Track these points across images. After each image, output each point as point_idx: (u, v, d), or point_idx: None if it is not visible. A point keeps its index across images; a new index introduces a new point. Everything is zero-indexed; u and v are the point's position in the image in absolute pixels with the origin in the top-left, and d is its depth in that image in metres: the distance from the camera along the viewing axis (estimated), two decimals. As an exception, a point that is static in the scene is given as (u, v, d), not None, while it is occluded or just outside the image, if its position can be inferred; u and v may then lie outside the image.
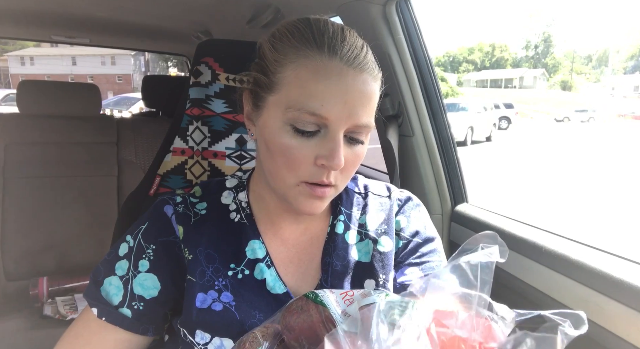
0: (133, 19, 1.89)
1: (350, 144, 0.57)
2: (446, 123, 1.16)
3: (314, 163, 0.55)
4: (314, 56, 0.55)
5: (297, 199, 0.58)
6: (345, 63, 0.55)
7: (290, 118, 0.54)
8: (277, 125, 0.56)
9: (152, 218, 0.64)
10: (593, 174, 7.89)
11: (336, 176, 0.57)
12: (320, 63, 0.55)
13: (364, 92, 0.56)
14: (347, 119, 0.54)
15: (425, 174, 1.15)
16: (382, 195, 0.72)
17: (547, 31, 70.91)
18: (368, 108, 0.57)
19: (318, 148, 0.55)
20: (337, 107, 0.54)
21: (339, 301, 0.45)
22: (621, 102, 32.56)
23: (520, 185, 6.87)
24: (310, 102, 0.53)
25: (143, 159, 1.96)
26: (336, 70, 0.55)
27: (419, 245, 0.68)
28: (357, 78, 0.56)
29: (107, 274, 0.61)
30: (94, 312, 0.59)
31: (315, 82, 0.54)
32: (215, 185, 0.69)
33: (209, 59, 0.85)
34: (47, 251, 1.75)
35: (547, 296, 0.80)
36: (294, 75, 0.55)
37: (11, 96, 11.86)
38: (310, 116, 0.54)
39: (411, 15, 1.12)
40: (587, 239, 0.82)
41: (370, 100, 0.57)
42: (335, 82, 0.54)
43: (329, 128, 0.54)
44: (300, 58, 0.55)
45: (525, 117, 25.80)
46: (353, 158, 0.58)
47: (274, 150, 0.57)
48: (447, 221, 1.16)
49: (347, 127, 0.55)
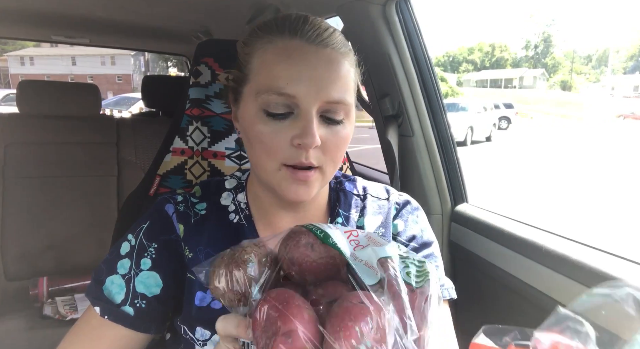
0: (133, 19, 1.89)
1: (328, 123, 0.57)
2: (446, 123, 1.16)
3: (291, 144, 0.55)
4: (276, 40, 0.57)
5: (281, 185, 0.57)
6: (307, 41, 0.56)
7: (261, 104, 0.56)
8: (252, 113, 0.57)
9: (153, 216, 0.65)
10: (593, 174, 7.89)
11: (318, 157, 0.56)
12: (281, 45, 0.56)
13: (329, 66, 0.56)
14: (316, 95, 0.54)
15: (425, 174, 1.15)
16: (381, 198, 0.72)
17: (547, 31, 70.91)
18: (338, 83, 0.56)
19: (292, 129, 0.55)
20: (303, 84, 0.54)
21: (346, 242, 0.44)
22: (621, 102, 32.56)
23: (520, 185, 6.87)
24: (276, 82, 0.55)
25: (143, 159, 1.96)
26: (298, 49, 0.56)
27: (416, 250, 0.68)
28: (321, 54, 0.56)
29: (109, 273, 0.61)
30: (97, 311, 0.59)
31: (278, 63, 0.55)
32: (215, 186, 0.69)
33: (209, 59, 0.85)
34: (47, 251, 1.75)
35: (547, 296, 0.80)
36: (261, 61, 0.57)
37: (11, 96, 11.86)
38: (278, 96, 0.55)
39: (411, 15, 1.12)
40: (587, 239, 0.82)
41: (338, 75, 0.56)
42: (298, 60, 0.55)
43: (300, 107, 0.55)
44: (265, 45, 0.57)
45: (525, 117, 25.79)
46: (333, 139, 0.57)
47: (252, 138, 0.58)
48: (447, 221, 1.16)
49: (318, 104, 0.55)
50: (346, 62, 0.59)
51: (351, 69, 0.59)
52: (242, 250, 0.44)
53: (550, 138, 15.24)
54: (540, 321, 0.37)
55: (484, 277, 1.00)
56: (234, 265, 0.42)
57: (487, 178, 6.72)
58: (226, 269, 0.42)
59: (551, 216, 4.63)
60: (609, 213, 5.29)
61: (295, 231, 0.45)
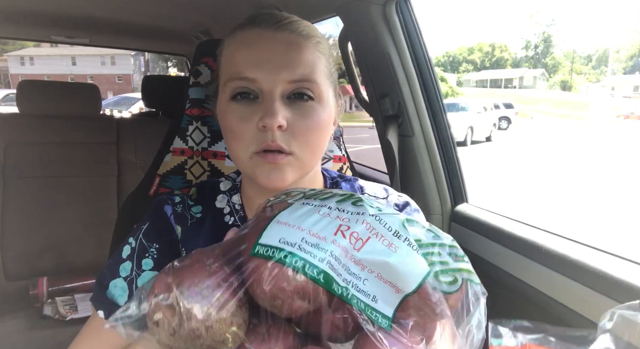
0: (133, 19, 1.89)
1: (294, 105, 0.57)
2: (446, 123, 1.16)
3: (257, 129, 0.55)
4: (238, 33, 0.60)
5: (255, 172, 0.57)
6: (265, 27, 0.58)
7: (228, 93, 0.58)
8: (223, 105, 0.59)
9: (152, 218, 0.65)
10: (593, 174, 7.88)
11: (287, 141, 0.55)
12: (241, 36, 0.59)
13: (288, 47, 0.57)
14: (277, 77, 0.55)
15: (425, 174, 1.15)
16: (379, 197, 0.71)
17: (547, 31, 70.91)
18: (299, 63, 0.56)
19: (257, 113, 0.55)
20: (262, 66, 0.55)
21: (348, 249, 0.34)
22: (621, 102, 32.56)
23: (521, 185, 6.86)
24: (238, 68, 0.57)
25: (143, 159, 1.96)
26: (256, 35, 0.58)
27: None
28: (279, 37, 0.58)
29: (112, 277, 0.61)
30: (101, 314, 0.59)
31: (239, 51, 0.58)
32: (210, 188, 0.70)
33: (209, 59, 0.85)
34: (47, 251, 1.75)
35: (547, 296, 0.80)
36: (226, 55, 0.60)
37: (11, 96, 11.85)
38: (240, 81, 0.56)
39: (411, 15, 1.12)
40: (586, 238, 0.82)
41: (299, 56, 0.57)
42: (256, 45, 0.57)
43: (263, 90, 0.56)
44: (229, 40, 0.61)
45: (525, 117, 25.78)
46: (301, 121, 0.56)
47: (225, 128, 0.59)
48: (447, 222, 1.16)
49: (281, 86, 0.55)
50: (310, 45, 0.59)
51: (320, 55, 0.60)
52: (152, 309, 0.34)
53: (550, 138, 15.24)
54: (540, 321, 0.37)
55: (484, 277, 1.00)
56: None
57: (487, 178, 6.71)
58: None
59: (551, 216, 4.62)
60: (608, 213, 5.29)
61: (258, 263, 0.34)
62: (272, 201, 0.41)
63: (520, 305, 0.89)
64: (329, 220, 0.36)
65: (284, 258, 0.33)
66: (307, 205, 0.37)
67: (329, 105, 0.60)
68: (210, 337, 0.33)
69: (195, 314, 0.32)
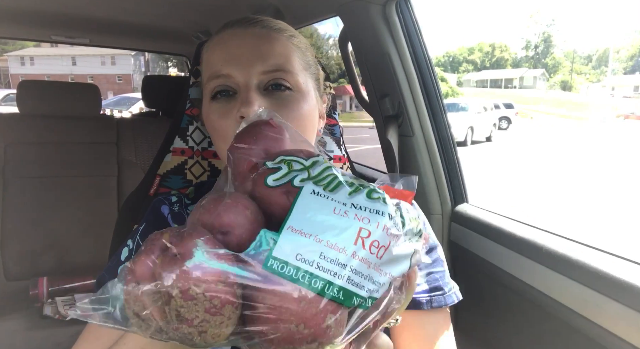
0: (133, 19, 1.89)
1: (273, 94, 0.57)
2: (446, 124, 1.16)
3: (237, 122, 0.56)
4: (214, 37, 0.62)
5: None
6: (237, 27, 0.60)
7: (209, 93, 0.59)
8: (206, 107, 0.60)
9: (149, 218, 0.65)
10: (593, 174, 7.88)
11: None
12: (217, 38, 0.61)
13: (259, 40, 0.58)
14: (250, 69, 0.56)
15: (425, 174, 1.15)
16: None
17: (547, 31, 70.90)
18: (271, 52, 0.58)
19: (236, 106, 0.56)
20: (235, 61, 0.57)
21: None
22: (621, 102, 32.53)
23: (521, 185, 6.86)
24: (213, 68, 0.58)
25: (143, 159, 1.96)
26: (229, 35, 0.60)
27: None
28: (250, 32, 0.59)
29: (110, 279, 0.61)
30: None
31: (214, 52, 0.60)
32: (208, 187, 0.70)
33: (209, 59, 0.85)
34: (47, 251, 1.75)
35: (547, 297, 0.80)
36: (204, 60, 0.62)
37: (11, 96, 11.85)
38: (217, 79, 0.58)
39: (411, 15, 1.11)
40: (586, 238, 0.82)
41: (270, 47, 0.58)
42: (228, 44, 0.59)
43: (239, 84, 0.57)
44: (207, 45, 0.62)
45: (526, 117, 25.77)
46: (280, 108, 0.56)
47: (210, 128, 0.60)
48: (447, 222, 1.15)
49: (256, 77, 0.56)
50: (282, 37, 0.60)
51: (294, 47, 0.60)
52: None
53: (550, 138, 15.24)
54: (540, 321, 0.37)
55: (483, 277, 1.00)
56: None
57: (487, 178, 6.71)
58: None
59: (551, 216, 4.62)
60: (608, 212, 5.29)
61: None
62: (267, 165, 0.37)
63: (520, 305, 0.89)
64: (346, 222, 0.33)
65: (302, 279, 0.31)
66: (318, 196, 0.34)
67: (310, 96, 0.60)
68: (203, 340, 0.30)
69: (189, 318, 0.29)
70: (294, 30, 0.64)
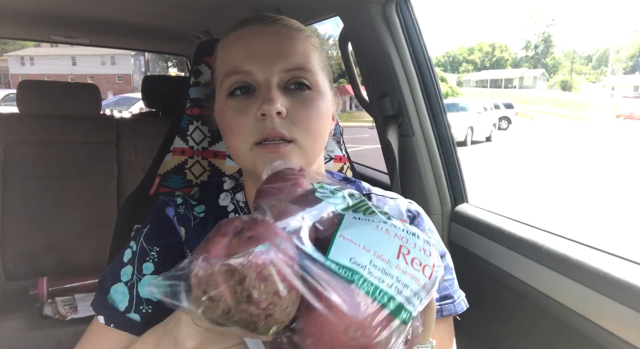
0: (133, 19, 1.89)
1: (292, 92, 0.57)
2: (446, 124, 1.16)
3: (256, 119, 0.55)
4: (230, 33, 0.61)
5: (256, 165, 0.56)
6: (257, 24, 0.60)
7: (226, 90, 0.58)
8: (221, 104, 0.59)
9: (153, 220, 0.64)
10: (593, 174, 7.88)
11: (288, 128, 0.55)
12: (234, 34, 0.60)
13: (280, 38, 0.58)
14: (272, 66, 0.56)
15: (425, 174, 1.15)
16: (387, 196, 0.70)
17: (547, 31, 70.89)
18: (293, 53, 0.57)
19: (255, 103, 0.55)
20: (256, 58, 0.56)
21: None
22: (621, 102, 32.52)
23: (521, 185, 6.86)
24: (232, 64, 0.57)
25: (143, 159, 1.96)
26: (249, 31, 0.59)
27: None
28: (270, 30, 0.59)
29: (113, 282, 0.60)
30: (101, 320, 0.58)
31: (232, 48, 0.59)
32: (213, 187, 0.69)
33: (209, 59, 0.85)
34: (47, 251, 1.75)
35: (547, 297, 0.80)
36: (220, 56, 0.61)
37: (11, 96, 11.84)
38: (236, 76, 0.57)
39: (411, 15, 1.11)
40: (586, 238, 0.82)
41: (292, 45, 0.58)
42: (249, 40, 0.58)
43: (259, 81, 0.56)
44: (223, 41, 0.62)
45: (526, 117, 25.77)
46: (301, 107, 0.56)
47: (223, 125, 0.59)
48: (447, 222, 1.15)
49: (277, 75, 0.56)
50: (302, 36, 0.60)
51: (312, 47, 0.61)
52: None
53: (550, 138, 15.23)
54: (540, 321, 0.38)
55: (483, 277, 1.00)
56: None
57: (487, 178, 6.71)
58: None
59: (551, 216, 4.62)
60: (608, 212, 5.29)
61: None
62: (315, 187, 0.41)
63: (520, 305, 0.89)
64: (389, 238, 0.37)
65: (358, 281, 0.33)
66: (360, 219, 0.38)
67: (327, 96, 0.60)
68: (266, 324, 0.31)
69: (259, 300, 0.30)
70: (310, 31, 0.64)
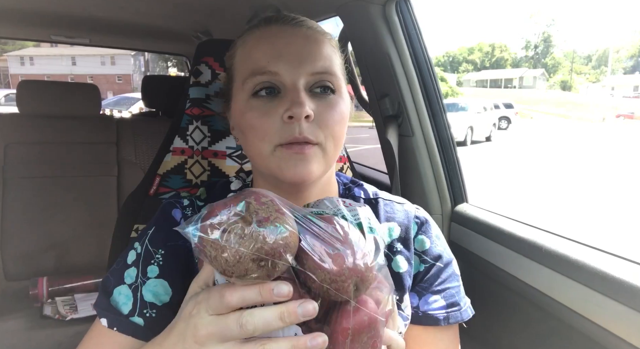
0: (133, 19, 1.89)
1: (318, 96, 0.57)
2: (446, 123, 1.16)
3: (282, 121, 0.54)
4: (254, 30, 0.60)
5: (280, 166, 0.56)
6: (283, 24, 0.59)
7: (249, 90, 0.57)
8: (242, 103, 0.58)
9: (158, 222, 0.63)
10: (593, 174, 7.88)
11: (314, 132, 0.55)
12: (259, 32, 0.59)
13: (307, 41, 0.58)
14: (299, 69, 0.56)
15: (425, 174, 1.15)
16: (394, 201, 0.70)
17: (547, 31, 70.91)
18: (319, 56, 0.57)
19: (281, 106, 0.55)
20: (284, 59, 0.56)
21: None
22: (621, 102, 32.52)
23: (521, 185, 6.86)
24: (258, 64, 0.56)
25: (143, 159, 1.96)
26: (275, 31, 0.59)
27: (441, 270, 0.66)
28: (298, 32, 0.59)
29: (116, 283, 0.59)
30: (104, 323, 0.56)
31: (258, 47, 0.58)
32: (220, 188, 0.68)
33: (209, 59, 0.85)
34: (47, 251, 1.75)
35: (547, 297, 0.80)
36: (242, 54, 0.60)
37: (11, 96, 11.85)
38: (262, 76, 0.56)
39: (411, 15, 1.11)
40: (586, 238, 0.82)
41: (319, 49, 0.58)
42: (276, 40, 0.57)
43: (285, 83, 0.56)
44: (244, 38, 0.61)
45: (525, 117, 25.78)
46: (328, 111, 0.56)
47: (245, 127, 0.58)
48: (447, 222, 1.15)
49: (304, 78, 0.56)
50: (326, 40, 0.60)
51: (334, 51, 0.60)
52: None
53: (550, 138, 15.24)
54: (540, 321, 0.37)
55: (483, 277, 1.00)
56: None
57: (487, 178, 6.71)
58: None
59: (551, 216, 4.62)
60: (608, 212, 5.29)
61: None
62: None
63: (520, 305, 0.89)
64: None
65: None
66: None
67: (348, 100, 0.61)
68: (274, 245, 0.38)
69: (266, 216, 0.39)
70: (333, 37, 0.63)
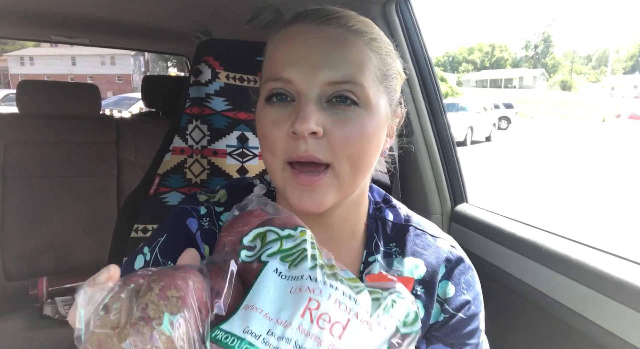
0: (133, 19, 1.89)
1: (334, 110, 0.49)
2: (446, 123, 1.16)
3: (288, 135, 0.48)
4: (282, 29, 0.53)
5: (287, 190, 0.51)
6: (309, 22, 0.51)
7: (264, 95, 0.51)
8: (260, 109, 0.53)
9: (170, 230, 0.58)
10: (593, 174, 7.88)
11: (324, 152, 0.48)
12: (284, 32, 0.53)
13: (330, 44, 0.49)
14: (314, 77, 0.48)
15: (425, 174, 1.15)
16: (427, 232, 0.62)
17: (546, 31, 70.92)
18: (342, 62, 0.49)
19: (292, 117, 0.48)
20: (299, 65, 0.49)
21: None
22: (621, 102, 32.54)
23: (520, 185, 6.86)
24: (274, 68, 0.50)
25: (143, 159, 1.96)
26: (298, 31, 0.51)
27: (462, 322, 0.58)
28: (322, 32, 0.50)
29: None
30: None
31: (277, 49, 0.52)
32: (242, 190, 0.62)
33: (209, 58, 0.85)
34: (47, 251, 1.75)
35: (547, 297, 0.80)
36: (267, 55, 0.54)
37: (11, 96, 11.84)
38: (274, 82, 0.50)
39: (411, 15, 1.11)
40: (585, 238, 0.82)
41: (343, 53, 0.49)
42: (295, 42, 0.50)
43: (299, 92, 0.49)
44: (273, 37, 0.54)
45: (525, 117, 25.79)
46: (343, 128, 0.48)
47: (259, 134, 0.53)
48: (447, 222, 1.15)
49: (320, 87, 0.48)
50: (359, 41, 0.51)
51: (371, 55, 0.51)
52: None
53: (550, 138, 15.24)
54: (540, 321, 0.37)
55: (483, 277, 1.00)
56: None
57: (487, 178, 6.71)
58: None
59: (551, 216, 4.62)
60: (608, 212, 5.29)
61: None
62: (243, 243, 0.39)
63: (520, 305, 0.89)
64: (297, 297, 0.33)
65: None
66: (279, 276, 0.35)
67: (378, 112, 0.51)
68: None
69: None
70: (377, 31, 0.54)
